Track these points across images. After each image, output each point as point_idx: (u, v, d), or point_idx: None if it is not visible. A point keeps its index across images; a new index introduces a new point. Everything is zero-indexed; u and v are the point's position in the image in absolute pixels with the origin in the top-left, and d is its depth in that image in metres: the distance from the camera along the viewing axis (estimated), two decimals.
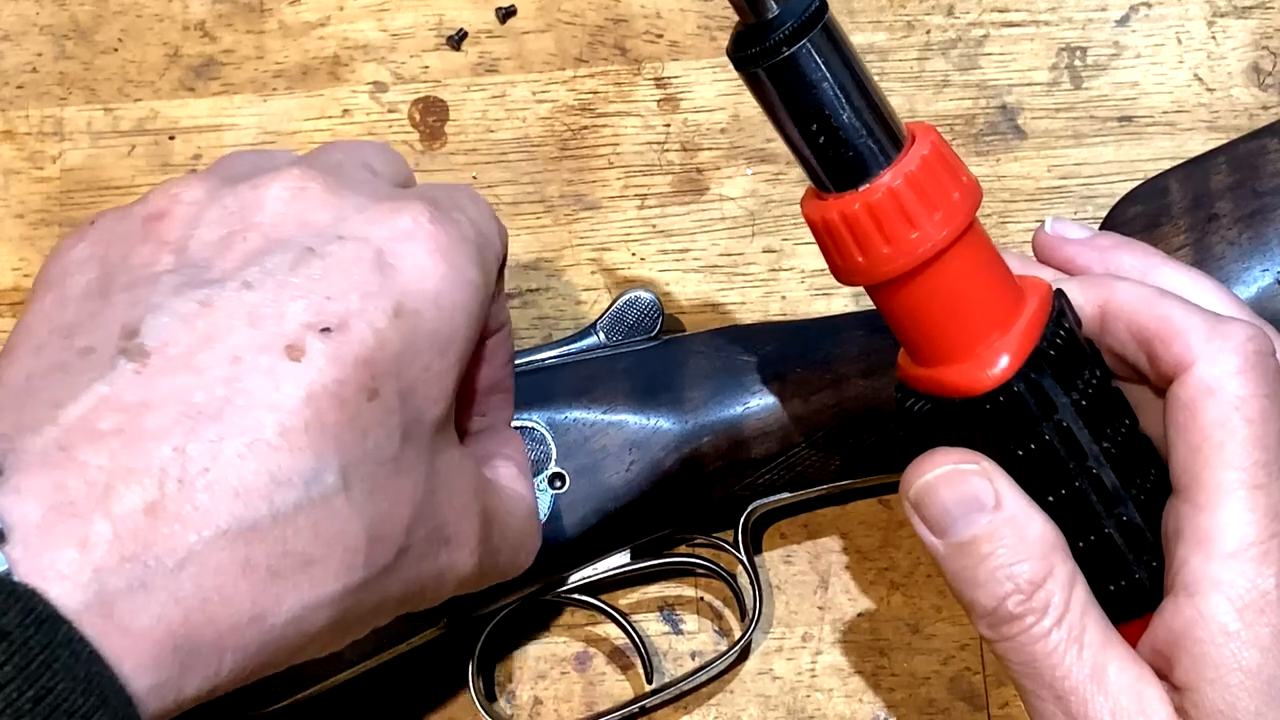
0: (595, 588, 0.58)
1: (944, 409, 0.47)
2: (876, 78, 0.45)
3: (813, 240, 0.43)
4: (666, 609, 0.60)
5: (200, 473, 0.39)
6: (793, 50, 0.43)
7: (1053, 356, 0.46)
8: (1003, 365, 0.45)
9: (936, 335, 0.46)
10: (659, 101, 0.65)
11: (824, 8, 0.44)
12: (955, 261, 0.45)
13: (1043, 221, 0.52)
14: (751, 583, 0.58)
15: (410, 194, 0.47)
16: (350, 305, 0.43)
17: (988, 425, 0.46)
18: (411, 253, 0.44)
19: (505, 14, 0.67)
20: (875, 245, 0.45)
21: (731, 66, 0.45)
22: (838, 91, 0.44)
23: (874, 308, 0.47)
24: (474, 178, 0.65)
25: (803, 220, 0.47)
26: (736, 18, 0.44)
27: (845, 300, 0.62)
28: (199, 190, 0.45)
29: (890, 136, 0.45)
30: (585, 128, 0.65)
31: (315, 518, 0.41)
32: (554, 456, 0.56)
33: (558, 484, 0.56)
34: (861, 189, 0.45)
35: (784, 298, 0.63)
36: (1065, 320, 0.46)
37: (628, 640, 0.59)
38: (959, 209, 0.45)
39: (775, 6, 0.43)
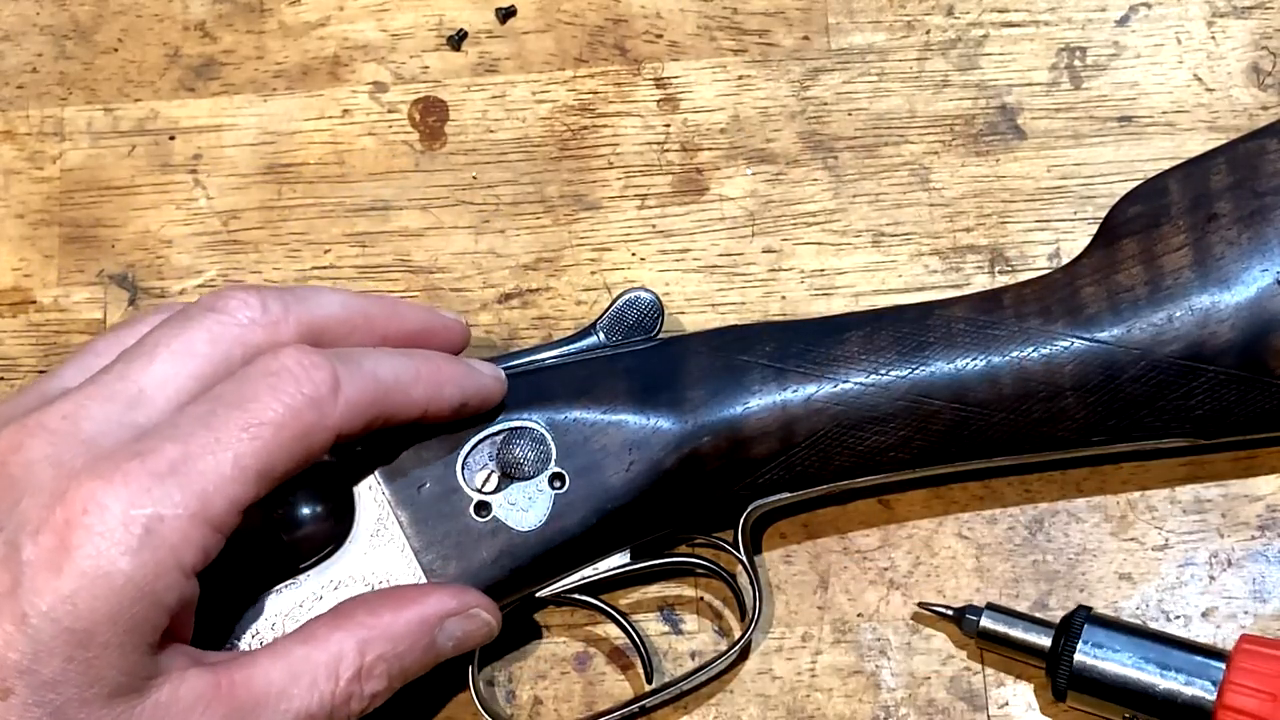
0: (595, 588, 0.58)
1: None
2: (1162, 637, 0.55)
3: (812, 240, 0.42)
4: (666, 609, 0.60)
5: None
6: (1075, 665, 0.54)
7: None
8: None
9: None
10: (659, 101, 0.65)
11: (1082, 616, 0.55)
12: None
13: None
14: (751, 583, 0.58)
15: (102, 468, 0.46)
16: None
17: None
18: (50, 553, 0.45)
19: (505, 14, 0.67)
20: None
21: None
22: (1129, 677, 0.54)
23: (873, 308, 0.46)
24: (474, 178, 0.65)
25: (802, 220, 0.46)
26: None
27: (845, 300, 0.62)
28: None
29: (1204, 668, 0.53)
30: (585, 128, 0.65)
31: None
32: (554, 456, 0.56)
33: (557, 484, 0.56)
34: None
35: (784, 298, 0.63)
36: None
37: (628, 640, 0.59)
38: None
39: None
